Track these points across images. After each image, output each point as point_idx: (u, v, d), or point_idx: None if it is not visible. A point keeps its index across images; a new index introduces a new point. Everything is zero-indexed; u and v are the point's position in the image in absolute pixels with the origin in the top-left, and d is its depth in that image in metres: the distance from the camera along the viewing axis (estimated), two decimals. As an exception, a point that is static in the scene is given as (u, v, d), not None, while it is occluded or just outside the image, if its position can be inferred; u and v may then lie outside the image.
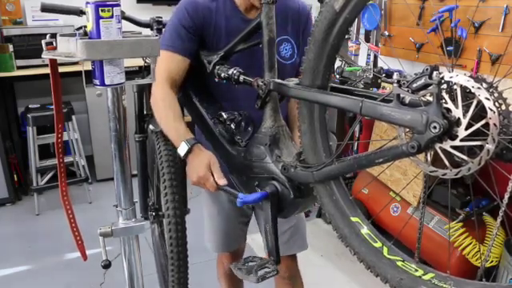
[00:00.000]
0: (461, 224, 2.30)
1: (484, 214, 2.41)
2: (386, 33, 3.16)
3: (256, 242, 2.06)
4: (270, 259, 1.16)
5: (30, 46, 3.30)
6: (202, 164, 1.25)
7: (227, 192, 1.27)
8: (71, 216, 1.63)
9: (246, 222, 1.74)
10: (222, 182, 1.24)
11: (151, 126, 1.57)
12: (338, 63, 3.03)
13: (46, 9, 1.61)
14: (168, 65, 1.38)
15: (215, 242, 1.75)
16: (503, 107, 0.70)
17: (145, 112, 1.75)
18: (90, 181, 3.55)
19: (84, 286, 2.50)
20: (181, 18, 1.37)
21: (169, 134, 1.35)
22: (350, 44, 3.39)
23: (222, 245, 1.76)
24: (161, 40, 1.40)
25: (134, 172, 1.67)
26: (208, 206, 1.72)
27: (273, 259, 1.16)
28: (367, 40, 3.34)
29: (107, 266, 1.52)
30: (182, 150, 1.28)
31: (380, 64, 3.21)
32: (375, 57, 3.24)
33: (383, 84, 2.83)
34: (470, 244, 2.27)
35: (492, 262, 2.22)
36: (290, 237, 1.63)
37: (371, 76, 2.81)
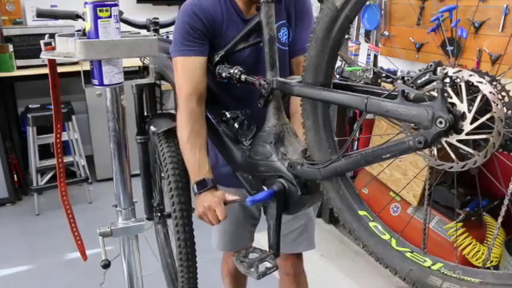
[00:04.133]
0: (461, 224, 2.30)
1: (484, 214, 2.40)
2: (386, 33, 3.16)
3: (256, 243, 2.05)
4: (270, 252, 1.20)
5: (30, 46, 3.29)
6: (213, 198, 1.28)
7: (237, 202, 1.32)
8: (71, 216, 1.63)
9: (254, 223, 1.74)
10: (231, 197, 1.29)
11: (152, 128, 1.56)
12: (337, 63, 3.03)
13: (41, 15, 1.61)
14: (189, 73, 1.32)
15: (221, 242, 1.75)
16: (506, 99, 0.70)
17: (145, 113, 1.74)
18: (89, 181, 3.54)
19: (84, 286, 2.49)
20: (190, 21, 1.30)
21: (189, 164, 1.34)
22: (350, 44, 3.39)
23: (230, 244, 1.76)
24: (172, 49, 1.35)
25: (134, 172, 1.66)
26: None
27: (272, 252, 1.20)
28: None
29: (107, 265, 1.51)
30: (198, 186, 1.31)
31: (380, 64, 3.21)
32: (375, 57, 3.24)
33: (383, 84, 2.82)
34: (470, 244, 2.27)
35: (492, 261, 2.22)
36: (299, 235, 1.64)
37: (371, 76, 2.80)
